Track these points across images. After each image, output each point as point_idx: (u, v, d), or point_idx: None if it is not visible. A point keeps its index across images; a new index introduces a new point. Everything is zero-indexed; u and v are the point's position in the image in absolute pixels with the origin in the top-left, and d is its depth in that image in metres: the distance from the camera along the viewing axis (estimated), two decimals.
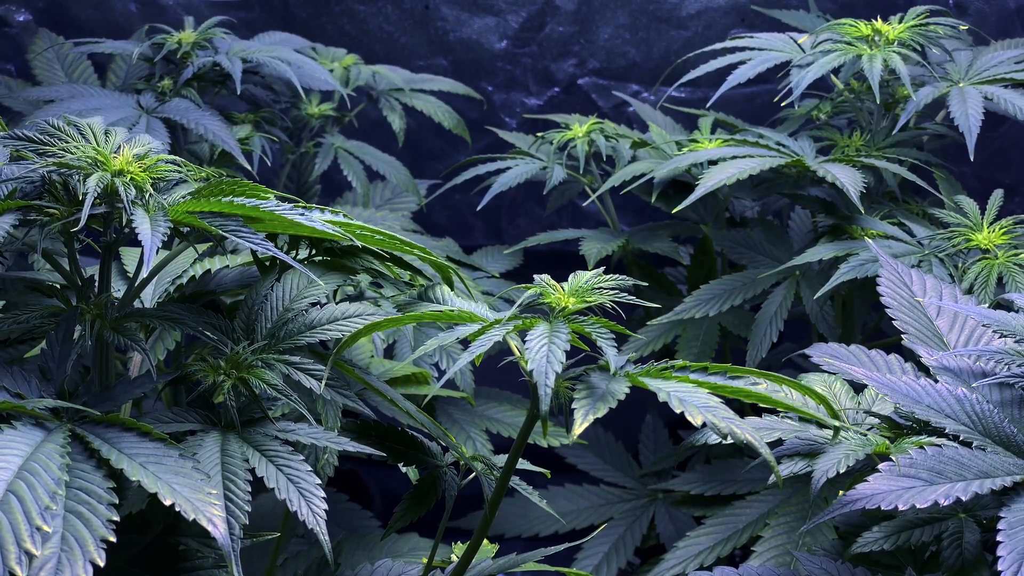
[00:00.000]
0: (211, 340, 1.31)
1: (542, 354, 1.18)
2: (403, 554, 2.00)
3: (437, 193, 2.29)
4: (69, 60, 2.29)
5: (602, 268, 1.30)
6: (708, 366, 1.25)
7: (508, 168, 2.20)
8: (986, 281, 1.70)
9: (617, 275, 1.28)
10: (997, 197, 1.82)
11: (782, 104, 2.08)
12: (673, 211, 1.98)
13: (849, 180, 1.86)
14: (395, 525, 1.43)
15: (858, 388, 1.55)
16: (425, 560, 1.50)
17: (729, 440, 1.20)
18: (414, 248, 1.41)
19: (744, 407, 2.07)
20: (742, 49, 2.12)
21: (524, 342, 1.20)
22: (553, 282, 1.27)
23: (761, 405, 1.29)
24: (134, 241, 1.23)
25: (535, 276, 1.28)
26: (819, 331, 2.04)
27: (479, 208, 2.15)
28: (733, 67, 2.08)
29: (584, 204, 2.29)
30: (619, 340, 2.06)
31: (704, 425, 1.19)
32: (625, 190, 2.11)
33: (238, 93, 2.04)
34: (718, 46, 2.16)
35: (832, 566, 1.38)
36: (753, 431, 1.20)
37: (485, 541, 1.56)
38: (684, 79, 2.14)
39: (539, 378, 1.17)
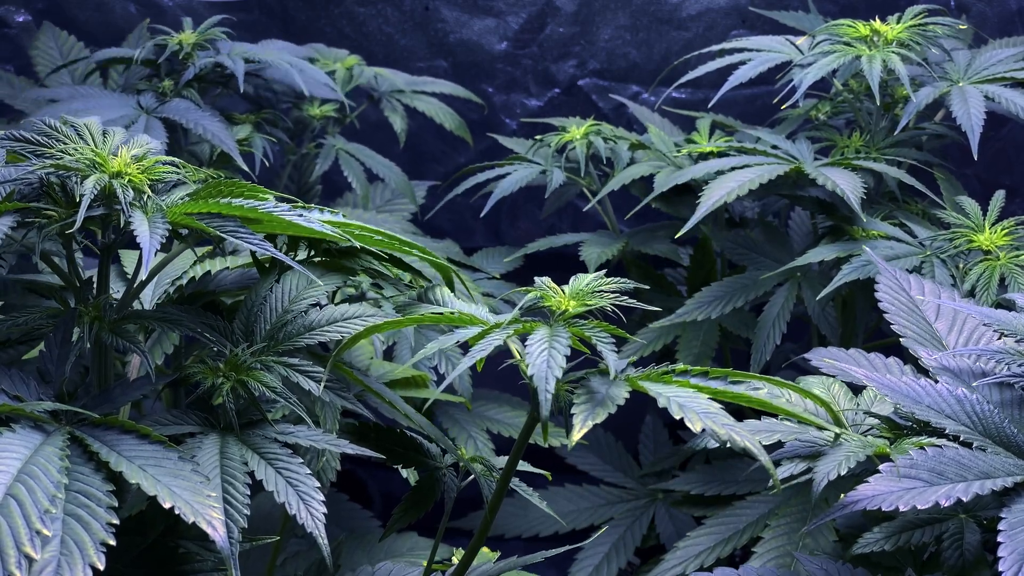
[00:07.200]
0: (209, 342, 1.31)
1: (542, 359, 1.18)
2: (402, 554, 2.00)
3: (441, 204, 2.28)
4: (71, 58, 2.29)
5: (603, 272, 1.30)
6: (709, 370, 1.25)
7: (507, 174, 2.19)
8: (988, 282, 1.70)
9: (617, 278, 1.28)
10: (998, 198, 1.81)
11: (782, 106, 2.08)
12: (676, 236, 1.97)
13: (849, 186, 1.85)
14: (393, 527, 1.43)
15: (857, 390, 1.55)
16: (425, 562, 1.50)
17: (728, 445, 1.19)
18: (413, 248, 1.41)
19: (743, 408, 2.07)
20: (740, 51, 2.11)
21: (524, 346, 1.20)
22: (554, 285, 1.27)
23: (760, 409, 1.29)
24: (133, 243, 1.23)
25: (536, 279, 1.28)
26: (821, 332, 2.04)
27: (482, 215, 2.15)
28: (733, 67, 2.08)
29: (585, 209, 2.29)
30: (619, 342, 2.05)
31: (704, 431, 1.19)
32: (622, 183, 2.11)
33: (240, 91, 2.03)
34: (715, 48, 2.16)
35: (832, 566, 1.38)
36: (753, 438, 1.19)
37: (486, 549, 1.56)
38: (683, 79, 2.14)
39: (539, 384, 1.17)
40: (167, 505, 1.13)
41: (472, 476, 1.45)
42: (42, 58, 2.29)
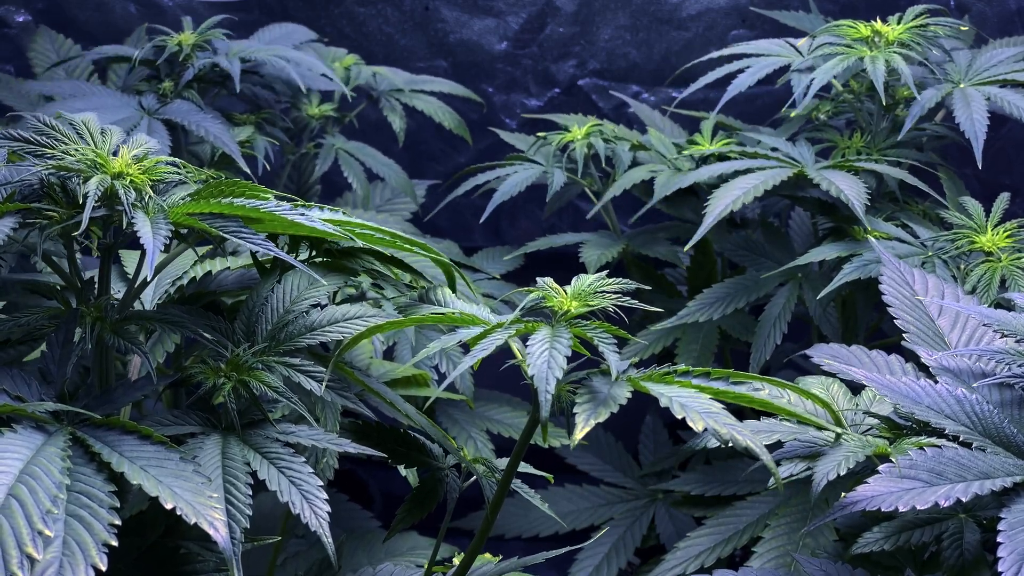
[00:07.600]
0: (210, 343, 1.31)
1: (543, 359, 1.18)
2: (402, 553, 2.00)
3: (441, 205, 2.28)
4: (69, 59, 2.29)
5: (604, 272, 1.30)
6: (710, 371, 1.25)
7: (508, 175, 2.19)
8: (989, 283, 1.71)
9: (619, 279, 1.28)
10: (1003, 200, 1.81)
11: (789, 111, 2.08)
12: (685, 248, 1.97)
13: (852, 191, 1.85)
14: (397, 527, 1.43)
15: (855, 389, 1.55)
16: (426, 563, 1.50)
17: (730, 444, 1.20)
18: (415, 245, 1.41)
19: (743, 409, 2.07)
20: (740, 57, 2.12)
21: (526, 347, 1.20)
22: (556, 285, 1.27)
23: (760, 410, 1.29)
24: (133, 243, 1.23)
25: (537, 279, 1.28)
26: (821, 332, 2.04)
27: (483, 220, 2.15)
28: (734, 75, 2.08)
29: (588, 216, 2.28)
30: (620, 343, 2.06)
31: (705, 430, 1.19)
32: (623, 189, 2.11)
33: (237, 92, 2.03)
34: (715, 55, 2.16)
35: (832, 568, 1.38)
36: (755, 437, 1.19)
37: (487, 555, 1.56)
38: (686, 92, 2.15)
39: (540, 384, 1.17)
40: (169, 506, 1.13)
41: (474, 476, 1.45)
42: (40, 60, 2.29)
